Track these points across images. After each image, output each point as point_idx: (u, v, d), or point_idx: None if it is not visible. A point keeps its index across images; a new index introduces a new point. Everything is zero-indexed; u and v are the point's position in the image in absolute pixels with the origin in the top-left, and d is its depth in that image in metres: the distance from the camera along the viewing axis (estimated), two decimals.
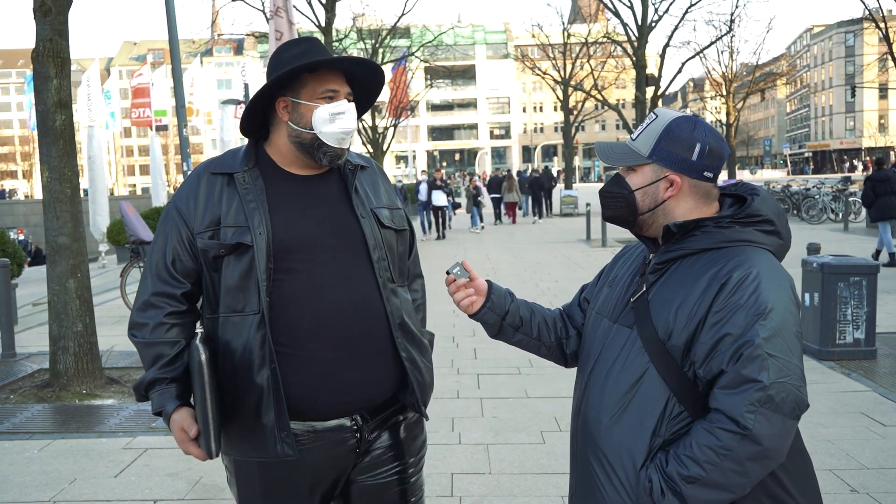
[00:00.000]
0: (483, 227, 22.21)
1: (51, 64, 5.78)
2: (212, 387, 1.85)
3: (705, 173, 1.67)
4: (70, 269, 5.87)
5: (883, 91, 66.68)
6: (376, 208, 2.08)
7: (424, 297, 2.31)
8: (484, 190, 22.68)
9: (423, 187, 20.58)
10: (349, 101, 2.03)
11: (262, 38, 19.22)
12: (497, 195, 24.65)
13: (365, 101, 2.16)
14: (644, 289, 1.68)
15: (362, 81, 2.10)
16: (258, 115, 2.05)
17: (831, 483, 3.87)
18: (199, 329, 2.02)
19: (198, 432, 1.88)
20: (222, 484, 4.04)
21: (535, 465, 4.26)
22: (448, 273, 1.94)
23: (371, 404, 2.00)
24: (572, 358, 1.97)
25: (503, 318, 1.95)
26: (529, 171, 33.12)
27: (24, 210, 31.84)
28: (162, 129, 24.22)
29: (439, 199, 19.82)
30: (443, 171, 22.87)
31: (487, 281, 1.98)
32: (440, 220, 20.05)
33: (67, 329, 5.85)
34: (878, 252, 12.24)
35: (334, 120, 1.97)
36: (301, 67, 1.95)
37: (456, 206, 21.25)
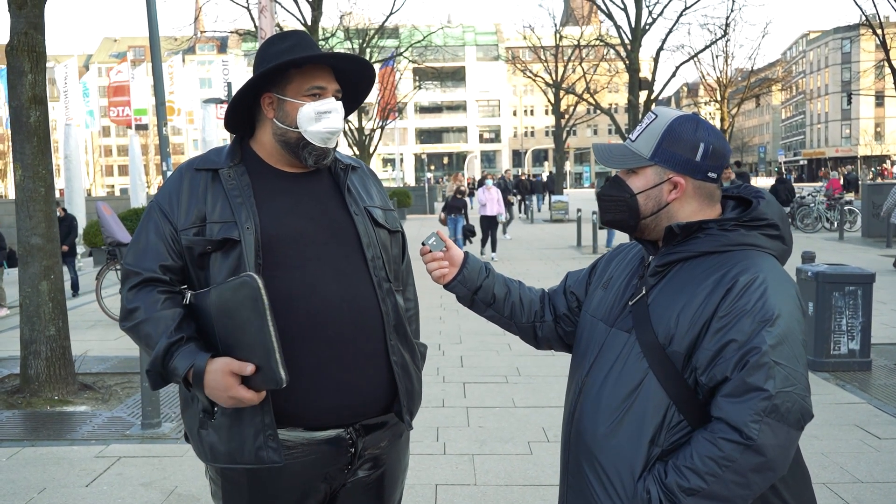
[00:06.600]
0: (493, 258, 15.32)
1: (25, 58, 5.71)
2: (272, 312, 1.70)
3: (709, 174, 1.62)
4: (43, 271, 5.78)
5: (879, 99, 66.75)
6: (370, 207, 2.02)
7: (417, 308, 2.22)
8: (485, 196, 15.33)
9: None
10: (337, 98, 1.95)
11: (246, 35, 19.04)
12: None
13: (353, 99, 2.09)
14: (643, 292, 1.63)
15: (352, 79, 2.03)
16: (243, 112, 1.99)
17: (826, 497, 3.82)
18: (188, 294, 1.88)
19: (254, 369, 1.72)
20: (197, 494, 3.99)
21: (521, 476, 4.19)
22: (423, 244, 1.91)
23: (365, 410, 1.91)
24: (544, 342, 1.96)
25: (474, 292, 1.94)
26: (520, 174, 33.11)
27: None
28: (142, 128, 23.89)
29: None
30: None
31: (466, 253, 1.96)
32: None
33: (39, 333, 5.74)
34: None
35: (320, 119, 1.90)
36: (287, 63, 1.88)
37: (471, 231, 14.89)
